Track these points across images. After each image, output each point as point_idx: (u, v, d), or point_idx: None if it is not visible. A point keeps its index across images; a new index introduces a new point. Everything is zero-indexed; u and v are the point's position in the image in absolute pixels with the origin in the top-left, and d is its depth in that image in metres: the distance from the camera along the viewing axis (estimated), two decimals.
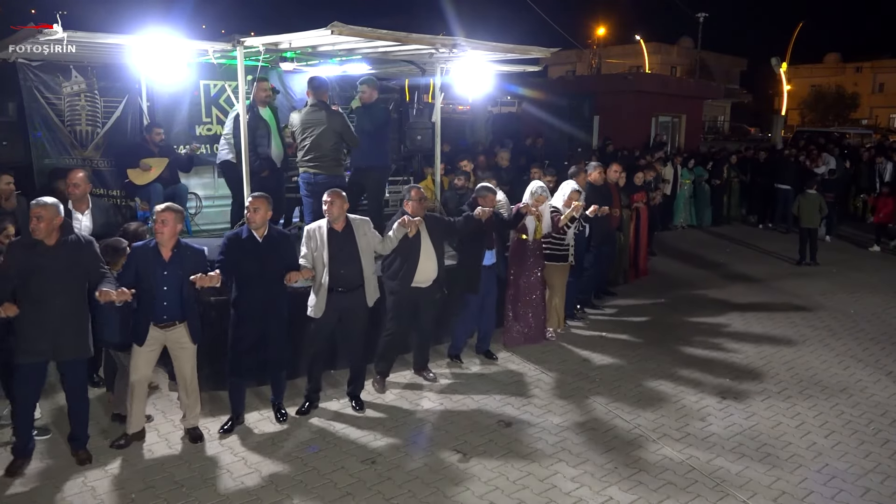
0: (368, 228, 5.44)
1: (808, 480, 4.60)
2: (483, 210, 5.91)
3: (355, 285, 5.31)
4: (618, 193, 8.64)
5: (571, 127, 17.90)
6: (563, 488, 4.44)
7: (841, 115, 50.18)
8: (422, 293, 5.81)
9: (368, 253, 5.40)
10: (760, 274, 10.33)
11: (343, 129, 6.72)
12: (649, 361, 6.68)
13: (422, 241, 5.71)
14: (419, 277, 5.73)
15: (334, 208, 5.23)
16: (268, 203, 5.01)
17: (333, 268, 5.20)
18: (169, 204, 4.82)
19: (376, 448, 4.91)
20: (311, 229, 5.33)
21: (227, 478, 4.49)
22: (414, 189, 5.83)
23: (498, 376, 6.26)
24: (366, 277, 5.37)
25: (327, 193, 5.30)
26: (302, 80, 9.24)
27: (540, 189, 6.79)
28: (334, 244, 5.23)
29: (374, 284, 5.50)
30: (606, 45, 47.98)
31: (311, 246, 5.25)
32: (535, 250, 6.90)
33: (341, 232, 5.28)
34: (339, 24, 5.40)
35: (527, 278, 6.87)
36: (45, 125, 7.52)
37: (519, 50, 7.15)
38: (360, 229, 5.36)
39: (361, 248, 5.32)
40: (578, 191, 7.13)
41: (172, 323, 4.75)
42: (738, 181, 14.60)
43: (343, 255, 5.24)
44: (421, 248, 5.70)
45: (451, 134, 13.81)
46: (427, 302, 5.90)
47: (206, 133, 8.67)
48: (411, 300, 5.80)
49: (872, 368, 6.63)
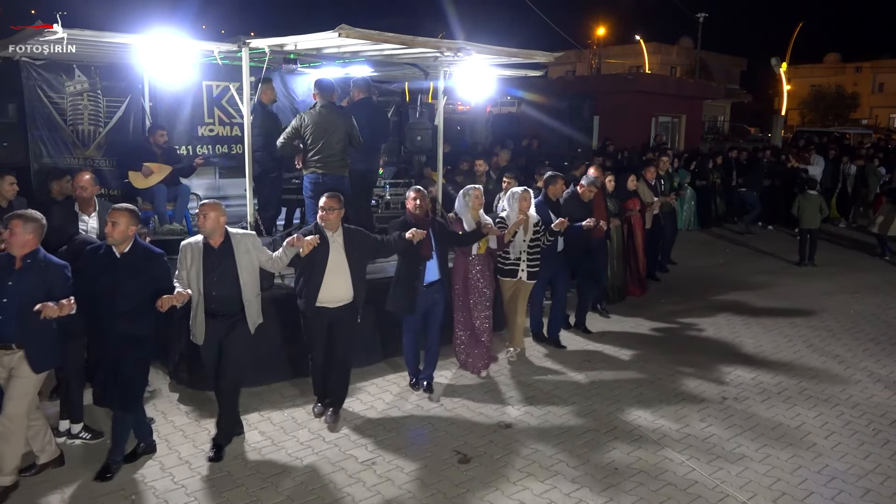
0: (253, 244, 4.83)
1: (808, 481, 4.61)
2: (416, 232, 5.30)
3: (234, 309, 4.71)
4: (603, 201, 7.83)
5: (571, 128, 17.93)
6: (562, 489, 4.46)
7: (841, 115, 50.23)
8: (331, 315, 5.16)
9: (250, 272, 4.78)
10: (760, 274, 10.35)
11: (352, 130, 6.79)
12: (649, 363, 6.69)
13: (331, 256, 5.11)
14: (326, 296, 5.12)
15: (208, 222, 4.60)
16: (130, 217, 4.36)
17: (207, 288, 4.63)
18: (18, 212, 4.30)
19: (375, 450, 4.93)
20: (185, 245, 4.73)
21: (227, 480, 4.50)
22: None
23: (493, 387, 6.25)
24: (246, 300, 4.74)
25: (201, 206, 4.72)
26: (303, 81, 9.29)
27: (511, 199, 6.33)
28: (209, 262, 4.64)
29: (257, 308, 4.85)
30: (606, 45, 48.01)
31: (185, 264, 4.67)
32: (482, 265, 6.26)
33: (218, 248, 4.67)
34: (346, 27, 5.42)
35: (472, 296, 6.22)
36: (46, 124, 7.54)
37: (523, 54, 7.17)
38: (240, 245, 4.73)
39: (241, 266, 4.70)
40: (526, 193, 6.39)
41: (8, 346, 4.12)
42: (720, 183, 14.10)
43: (218, 274, 4.64)
44: (328, 265, 5.09)
45: (451, 134, 13.84)
46: (338, 325, 5.21)
47: (208, 133, 8.69)
48: (320, 322, 5.19)
49: (872, 369, 6.65)
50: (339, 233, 5.20)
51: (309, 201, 6.98)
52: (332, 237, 5.16)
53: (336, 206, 5.15)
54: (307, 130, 6.65)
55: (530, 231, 6.41)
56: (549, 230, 6.50)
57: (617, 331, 7.62)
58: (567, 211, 6.81)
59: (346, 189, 6.62)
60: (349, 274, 5.18)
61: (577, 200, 7.18)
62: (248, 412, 5.34)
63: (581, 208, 7.08)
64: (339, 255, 5.16)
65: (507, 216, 6.37)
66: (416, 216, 5.59)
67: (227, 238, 4.71)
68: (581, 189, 7.23)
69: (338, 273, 5.14)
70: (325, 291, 5.12)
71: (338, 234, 5.19)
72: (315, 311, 5.14)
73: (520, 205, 6.31)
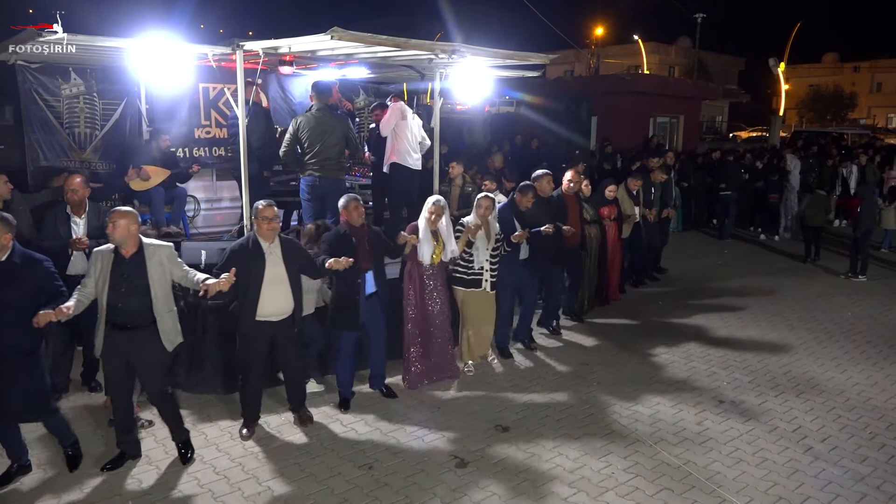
0: (167, 257, 4.56)
1: (804, 485, 4.61)
2: (336, 261, 5.02)
3: (143, 323, 4.46)
4: (578, 206, 7.52)
5: (569, 128, 17.92)
6: (560, 493, 4.46)
7: (839, 114, 50.31)
8: (274, 328, 4.96)
9: (163, 285, 4.52)
10: (757, 276, 10.36)
11: (350, 133, 6.78)
12: (643, 366, 6.69)
13: (268, 269, 4.90)
14: (266, 310, 4.90)
15: (117, 231, 4.36)
16: (4, 226, 4.19)
17: (113, 300, 4.39)
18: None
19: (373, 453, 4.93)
20: (97, 252, 4.52)
21: (224, 484, 4.50)
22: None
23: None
24: (158, 314, 4.49)
25: (110, 213, 4.53)
26: (300, 83, 9.29)
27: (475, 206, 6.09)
28: (117, 272, 4.40)
29: (172, 325, 4.61)
30: (605, 44, 48.00)
31: (94, 272, 4.45)
32: (436, 275, 5.98)
33: (129, 259, 4.42)
34: (339, 30, 5.41)
35: (426, 308, 5.95)
36: (42, 127, 7.54)
37: (518, 56, 7.17)
38: (154, 257, 4.48)
39: (153, 278, 4.45)
40: (485, 200, 6.11)
41: None
42: (703, 185, 13.65)
43: (127, 286, 4.39)
44: (266, 277, 4.88)
45: (449, 135, 13.82)
46: (284, 337, 5.06)
47: (204, 136, 8.69)
48: (262, 337, 4.99)
49: (869, 372, 6.65)
50: (276, 244, 4.97)
51: (305, 204, 7.00)
52: (268, 249, 4.93)
53: (276, 215, 4.96)
54: (304, 133, 6.64)
55: (492, 240, 6.18)
56: (508, 241, 6.27)
57: (612, 329, 7.62)
58: (533, 217, 6.54)
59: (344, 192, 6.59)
60: (289, 285, 4.99)
61: (544, 206, 6.87)
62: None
63: (548, 214, 6.78)
64: (277, 266, 4.93)
65: (468, 223, 6.12)
66: (352, 226, 5.40)
67: (141, 248, 4.48)
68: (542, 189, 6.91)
69: (277, 285, 4.93)
70: (266, 305, 4.91)
71: (275, 246, 4.96)
72: (255, 326, 4.94)
73: (476, 212, 6.09)
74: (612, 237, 8.31)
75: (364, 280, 5.45)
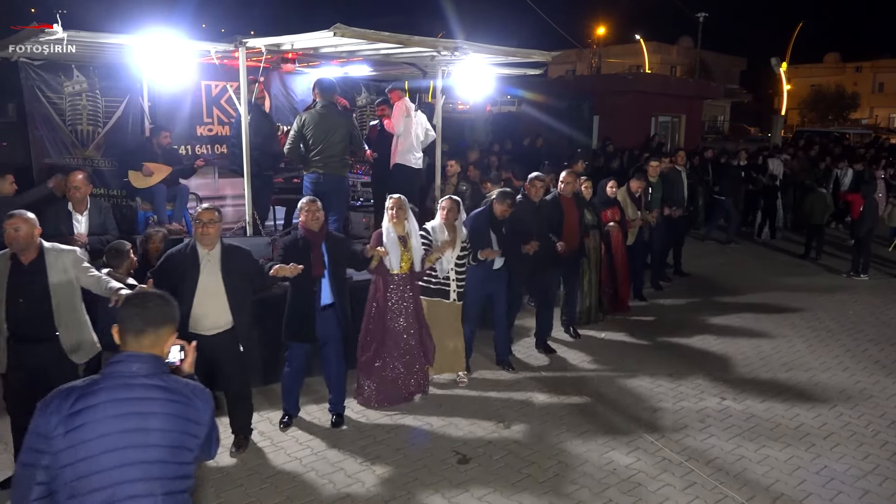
0: (72, 263, 4.16)
1: (806, 482, 4.61)
2: (281, 267, 4.64)
3: (43, 336, 4.08)
4: (577, 210, 6.95)
5: (571, 127, 17.92)
6: (562, 490, 4.46)
7: (841, 114, 50.28)
8: (208, 343, 4.26)
9: (66, 294, 4.14)
10: (758, 274, 10.35)
11: (354, 131, 6.79)
12: (646, 364, 6.69)
13: (202, 278, 4.45)
14: (201, 323, 4.43)
15: (20, 236, 4.00)
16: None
17: (11, 310, 4.02)
18: None
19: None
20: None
21: (226, 480, 4.50)
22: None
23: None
24: (60, 325, 4.12)
25: (8, 217, 4.09)
26: (302, 81, 9.29)
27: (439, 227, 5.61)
28: (14, 280, 4.03)
29: (79, 336, 4.22)
30: (606, 44, 48.02)
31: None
32: (404, 284, 5.50)
33: (27, 265, 4.04)
34: (341, 26, 5.41)
35: (386, 322, 5.47)
36: (45, 124, 7.55)
37: (520, 53, 7.18)
38: (56, 264, 4.10)
39: (53, 286, 4.07)
40: (449, 202, 5.66)
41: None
42: (701, 186, 13.09)
43: (22, 294, 4.03)
44: (199, 286, 4.43)
45: (451, 134, 13.83)
46: (221, 354, 4.53)
47: (207, 133, 8.70)
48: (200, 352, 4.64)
49: (871, 370, 6.64)
50: (216, 251, 4.51)
51: None
52: (206, 256, 4.48)
53: (215, 219, 4.48)
54: (308, 130, 6.64)
55: (458, 248, 5.71)
56: (474, 256, 5.82)
57: (612, 332, 7.62)
58: (519, 224, 6.12)
59: (346, 190, 6.61)
60: (225, 297, 4.49)
61: (533, 212, 6.42)
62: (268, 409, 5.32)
63: (537, 221, 6.35)
64: (212, 276, 4.47)
65: (432, 228, 5.69)
66: (308, 230, 4.99)
67: (41, 254, 4.08)
68: (528, 189, 6.56)
69: (211, 296, 4.46)
70: (199, 317, 4.44)
71: (214, 253, 4.50)
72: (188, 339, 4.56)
73: (440, 214, 5.66)
74: (616, 243, 7.84)
75: (319, 289, 4.99)
